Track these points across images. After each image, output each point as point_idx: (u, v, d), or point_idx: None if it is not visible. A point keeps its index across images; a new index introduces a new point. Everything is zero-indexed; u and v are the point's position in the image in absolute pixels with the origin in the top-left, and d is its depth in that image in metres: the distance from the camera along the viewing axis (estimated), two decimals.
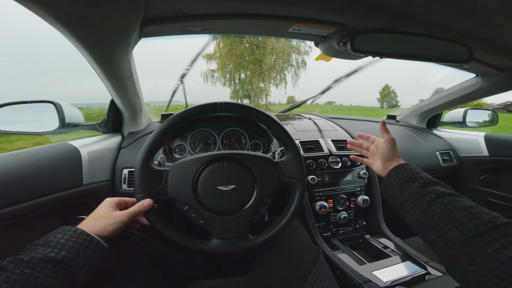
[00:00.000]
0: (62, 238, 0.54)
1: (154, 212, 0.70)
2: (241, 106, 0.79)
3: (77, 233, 0.56)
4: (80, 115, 1.13)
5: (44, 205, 0.82)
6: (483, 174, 1.54)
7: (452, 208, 0.56)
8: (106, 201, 0.68)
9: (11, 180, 0.76)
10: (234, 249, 0.72)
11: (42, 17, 0.54)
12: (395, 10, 0.76)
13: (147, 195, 0.69)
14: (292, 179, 0.79)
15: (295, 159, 0.80)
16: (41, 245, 0.52)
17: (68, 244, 0.53)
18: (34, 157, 0.87)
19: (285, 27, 0.81)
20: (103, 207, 0.66)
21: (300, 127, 1.40)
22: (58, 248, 0.52)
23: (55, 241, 0.53)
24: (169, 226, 0.72)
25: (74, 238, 0.55)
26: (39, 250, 0.51)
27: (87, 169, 0.97)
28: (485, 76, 1.24)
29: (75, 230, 0.57)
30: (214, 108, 0.75)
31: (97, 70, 0.85)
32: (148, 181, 0.70)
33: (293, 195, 0.79)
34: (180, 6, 0.66)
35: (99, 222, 0.61)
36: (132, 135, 1.21)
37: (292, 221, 0.77)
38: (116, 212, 0.65)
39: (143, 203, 0.68)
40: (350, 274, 0.85)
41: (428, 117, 1.78)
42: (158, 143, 0.72)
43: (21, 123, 0.98)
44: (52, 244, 0.52)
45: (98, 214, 0.64)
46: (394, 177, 0.71)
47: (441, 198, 0.59)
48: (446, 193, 0.60)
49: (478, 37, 0.88)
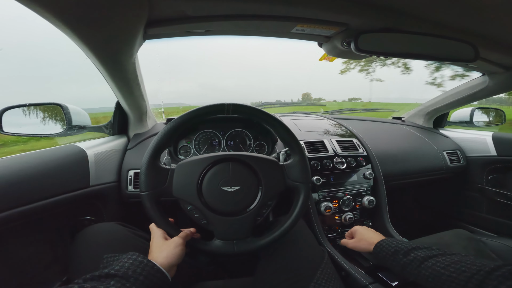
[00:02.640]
0: (141, 275, 0.55)
1: (158, 210, 0.71)
2: (248, 108, 0.79)
3: (154, 270, 0.58)
4: (87, 117, 1.14)
5: (52, 206, 0.84)
6: (491, 174, 1.52)
7: (439, 269, 0.61)
8: (156, 233, 0.70)
9: (20, 182, 0.78)
10: (235, 250, 0.72)
11: (48, 19, 0.55)
12: (399, 10, 0.75)
13: (151, 193, 0.70)
14: (297, 182, 0.79)
15: (300, 163, 0.79)
16: (120, 277, 0.53)
17: (145, 282, 0.55)
18: (42, 158, 0.88)
19: (288, 28, 0.81)
20: (157, 238, 0.69)
21: (305, 127, 1.39)
22: (136, 286, 0.53)
23: (134, 277, 0.54)
24: (174, 225, 0.72)
25: (151, 276, 0.57)
26: (118, 284, 0.52)
27: (93, 171, 0.98)
28: (491, 75, 1.23)
29: (152, 266, 0.59)
30: (222, 109, 0.75)
31: (102, 73, 0.86)
32: (153, 179, 0.71)
33: (297, 199, 0.79)
34: (183, 8, 0.67)
35: (163, 250, 0.65)
36: (138, 137, 1.22)
37: (295, 225, 0.77)
38: (172, 238, 0.69)
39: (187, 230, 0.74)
40: (355, 275, 0.84)
41: (434, 116, 1.76)
42: (165, 142, 0.73)
43: (29, 125, 1.00)
44: (131, 280, 0.54)
45: (156, 245, 0.67)
46: (379, 255, 0.78)
47: (425, 263, 0.64)
48: (427, 257, 0.65)
49: (484, 36, 0.87)
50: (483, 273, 0.53)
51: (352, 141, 1.31)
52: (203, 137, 1.25)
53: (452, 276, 0.57)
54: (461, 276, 0.56)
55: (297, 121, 1.47)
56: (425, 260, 0.64)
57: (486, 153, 1.50)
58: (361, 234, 0.91)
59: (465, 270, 0.56)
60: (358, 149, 1.27)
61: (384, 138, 1.52)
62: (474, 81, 1.34)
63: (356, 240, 0.91)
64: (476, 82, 1.33)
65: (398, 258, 0.71)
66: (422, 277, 0.64)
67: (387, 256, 0.74)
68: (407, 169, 1.39)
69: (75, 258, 0.71)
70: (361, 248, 0.89)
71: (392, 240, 0.78)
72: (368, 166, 1.24)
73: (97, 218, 1.03)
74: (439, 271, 0.60)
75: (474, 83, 1.34)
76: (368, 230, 0.92)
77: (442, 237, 1.05)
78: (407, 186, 1.69)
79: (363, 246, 0.87)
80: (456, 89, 1.47)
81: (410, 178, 1.40)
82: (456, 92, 1.48)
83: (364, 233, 0.90)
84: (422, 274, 0.63)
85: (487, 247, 0.99)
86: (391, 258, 0.73)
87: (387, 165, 1.29)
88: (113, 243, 0.72)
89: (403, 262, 0.69)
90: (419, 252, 0.67)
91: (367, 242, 0.85)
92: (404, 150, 1.46)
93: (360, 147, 1.29)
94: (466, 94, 1.42)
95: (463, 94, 1.44)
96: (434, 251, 0.66)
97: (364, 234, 0.90)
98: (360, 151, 1.27)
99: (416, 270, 0.65)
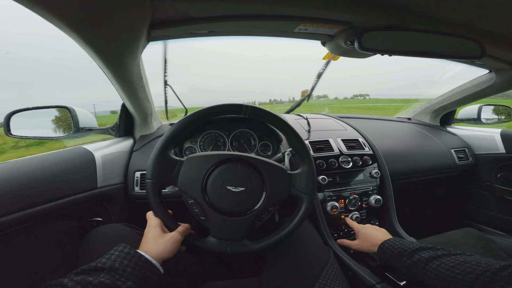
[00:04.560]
0: (128, 266, 0.55)
1: (160, 199, 0.72)
2: (265, 113, 0.79)
3: (141, 261, 0.58)
4: (93, 119, 1.15)
5: (60, 207, 0.85)
6: (501, 172, 1.49)
7: (443, 270, 0.60)
8: (153, 222, 0.70)
9: (30, 184, 0.79)
10: (228, 251, 0.72)
11: (53, 22, 0.56)
12: (402, 7, 0.75)
13: (156, 182, 0.71)
14: (301, 193, 0.78)
15: (308, 174, 0.79)
16: (108, 270, 0.53)
17: (133, 273, 0.55)
18: (50, 161, 0.89)
19: (291, 27, 0.81)
20: (154, 228, 0.68)
21: (309, 127, 1.39)
22: (124, 277, 0.53)
23: (122, 268, 0.54)
24: (173, 218, 0.73)
25: (138, 267, 0.56)
26: (107, 275, 0.52)
27: (101, 172, 1.00)
28: (498, 72, 1.21)
29: (139, 257, 0.58)
30: (240, 110, 0.76)
31: (107, 75, 0.87)
32: (161, 168, 0.72)
33: (298, 208, 0.79)
34: (186, 9, 0.67)
35: (159, 244, 0.64)
36: (144, 138, 1.23)
37: (293, 233, 0.77)
38: (171, 233, 0.68)
39: (184, 224, 0.73)
40: (362, 274, 0.84)
41: (441, 114, 1.74)
42: (180, 133, 0.74)
43: (37, 128, 1.02)
44: (119, 272, 0.53)
45: (152, 235, 0.66)
46: (383, 256, 0.78)
47: (429, 264, 0.63)
48: (431, 258, 0.64)
49: (490, 33, 0.86)
50: (489, 273, 0.53)
51: (357, 140, 1.30)
52: (208, 137, 1.26)
53: (458, 277, 0.56)
54: (467, 277, 0.55)
55: (301, 120, 1.47)
56: (429, 262, 0.64)
57: (494, 150, 1.48)
58: (364, 235, 0.90)
59: (471, 271, 0.56)
60: (364, 148, 1.27)
61: (391, 137, 1.50)
62: (481, 78, 1.33)
63: (359, 241, 0.91)
64: (483, 79, 1.31)
65: (403, 260, 0.70)
66: (427, 279, 0.63)
67: (392, 258, 0.74)
68: (414, 168, 1.37)
69: (83, 258, 0.72)
70: (365, 250, 0.88)
71: (396, 240, 0.78)
72: (375, 165, 1.23)
73: (105, 219, 1.04)
74: (444, 272, 0.59)
75: (481, 80, 1.33)
76: (372, 229, 0.91)
77: (451, 236, 1.04)
78: (414, 185, 1.67)
79: (367, 247, 0.87)
80: (463, 86, 1.45)
81: (417, 176, 1.39)
82: (463, 89, 1.46)
83: (367, 233, 0.89)
84: (427, 276, 0.63)
85: (497, 246, 0.98)
86: (395, 260, 0.73)
87: (394, 164, 1.28)
88: (121, 243, 0.73)
89: (408, 264, 0.68)
90: (423, 253, 0.67)
91: (371, 243, 0.85)
92: (411, 148, 1.44)
93: (366, 146, 1.28)
94: (473, 91, 1.40)
95: (470, 91, 1.42)
96: (438, 252, 0.65)
97: (367, 234, 0.89)
98: (366, 149, 1.26)
99: (421, 272, 0.65)
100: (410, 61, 33.55)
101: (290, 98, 24.27)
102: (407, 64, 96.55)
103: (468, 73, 1.37)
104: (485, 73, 1.29)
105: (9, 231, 0.74)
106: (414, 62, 38.97)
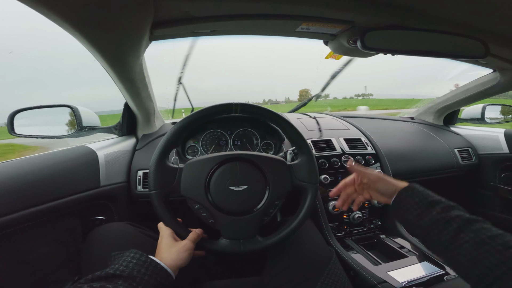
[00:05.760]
0: (146, 275, 0.56)
1: (167, 208, 0.72)
2: (256, 107, 0.79)
3: (157, 269, 0.59)
4: (96, 118, 1.16)
5: (64, 206, 0.85)
6: (504, 172, 1.48)
7: (484, 237, 0.50)
8: (165, 233, 0.71)
9: (33, 182, 0.80)
10: (242, 250, 0.73)
11: (56, 22, 0.56)
12: (405, 6, 0.74)
13: (160, 192, 0.71)
14: (305, 182, 0.78)
15: (308, 162, 0.79)
16: (126, 277, 0.54)
17: (150, 281, 0.56)
18: (54, 159, 0.90)
19: (293, 26, 0.80)
20: (166, 238, 0.69)
21: (312, 126, 1.39)
22: (142, 286, 0.54)
23: (140, 277, 0.55)
24: (183, 225, 0.73)
25: (155, 275, 0.58)
26: (125, 283, 0.53)
27: (103, 171, 1.00)
28: (503, 71, 1.20)
29: (155, 265, 0.59)
30: (230, 109, 0.76)
31: (110, 74, 0.87)
32: (162, 178, 0.72)
33: (304, 199, 0.78)
34: (188, 9, 0.67)
35: (171, 253, 0.65)
36: (146, 137, 1.24)
37: (302, 225, 0.77)
38: (183, 241, 0.69)
39: (196, 231, 0.73)
40: (364, 274, 0.84)
41: (444, 114, 1.73)
42: (173, 142, 0.74)
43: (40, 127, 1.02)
44: (137, 280, 0.54)
45: (165, 245, 0.68)
46: (407, 199, 0.64)
47: (469, 226, 0.53)
48: (473, 220, 0.54)
49: (494, 32, 0.85)
50: None
51: (360, 139, 1.30)
52: (210, 137, 1.26)
53: (498, 248, 0.47)
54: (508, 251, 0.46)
55: (304, 119, 1.47)
56: (469, 223, 0.53)
57: (498, 150, 1.47)
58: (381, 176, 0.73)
59: None
60: (367, 147, 1.26)
61: (393, 136, 1.50)
62: (485, 78, 1.32)
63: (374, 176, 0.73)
64: (487, 78, 1.30)
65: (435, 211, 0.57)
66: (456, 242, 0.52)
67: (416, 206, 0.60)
68: (417, 167, 1.37)
69: (86, 257, 0.73)
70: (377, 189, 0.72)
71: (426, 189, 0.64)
72: (377, 165, 1.23)
73: (108, 218, 1.05)
74: (484, 239, 0.49)
75: (485, 80, 1.32)
76: None
77: None
78: None
79: (382, 187, 0.70)
80: (467, 85, 1.44)
81: (420, 176, 1.38)
82: (467, 89, 1.45)
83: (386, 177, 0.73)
84: (459, 238, 0.52)
85: None
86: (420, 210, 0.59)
87: (397, 164, 1.28)
88: (124, 242, 0.73)
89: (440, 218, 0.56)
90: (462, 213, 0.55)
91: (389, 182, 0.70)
92: (414, 148, 1.44)
93: (368, 145, 1.28)
94: (477, 90, 1.40)
95: (474, 91, 1.42)
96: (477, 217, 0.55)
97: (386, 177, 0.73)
98: (368, 149, 1.26)
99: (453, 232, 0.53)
100: (414, 61, 33.06)
101: (286, 98, 24.14)
102: (411, 63, 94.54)
103: (472, 71, 1.36)
104: (489, 73, 1.28)
105: (13, 229, 0.75)
106: (418, 62, 38.21)
